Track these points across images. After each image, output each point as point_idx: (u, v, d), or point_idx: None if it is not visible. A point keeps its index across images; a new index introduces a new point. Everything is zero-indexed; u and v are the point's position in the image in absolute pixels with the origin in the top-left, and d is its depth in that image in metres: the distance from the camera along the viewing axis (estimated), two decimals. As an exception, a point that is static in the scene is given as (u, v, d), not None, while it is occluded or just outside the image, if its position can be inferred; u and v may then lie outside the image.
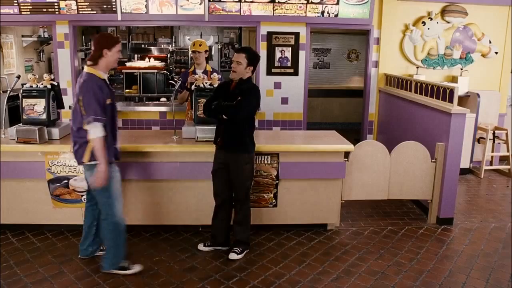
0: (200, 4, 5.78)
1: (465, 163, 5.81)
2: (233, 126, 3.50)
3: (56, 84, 4.00)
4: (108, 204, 3.25)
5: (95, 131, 3.05)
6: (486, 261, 3.72)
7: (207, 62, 4.87)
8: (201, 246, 3.84)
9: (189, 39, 9.64)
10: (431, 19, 6.22)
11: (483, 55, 6.48)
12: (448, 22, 6.32)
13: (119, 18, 5.80)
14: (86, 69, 3.17)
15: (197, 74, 4.54)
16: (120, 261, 3.36)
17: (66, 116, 6.07)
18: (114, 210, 3.25)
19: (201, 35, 9.49)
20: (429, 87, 4.96)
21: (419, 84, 5.26)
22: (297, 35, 6.14)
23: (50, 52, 8.62)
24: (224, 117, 3.45)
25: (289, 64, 6.23)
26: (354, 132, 7.26)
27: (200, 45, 4.70)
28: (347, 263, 3.66)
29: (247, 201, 3.71)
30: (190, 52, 5.06)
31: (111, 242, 3.32)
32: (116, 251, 3.34)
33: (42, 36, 8.30)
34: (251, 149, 3.64)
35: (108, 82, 3.24)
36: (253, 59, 3.51)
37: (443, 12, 6.28)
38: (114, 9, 5.74)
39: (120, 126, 6.14)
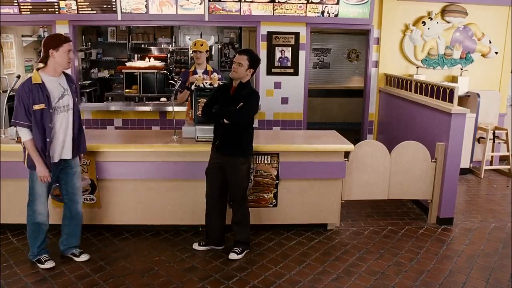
0: (200, 4, 5.78)
1: (465, 163, 5.80)
2: (232, 130, 3.50)
3: (56, 84, 3.99)
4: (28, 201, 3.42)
5: (21, 134, 3.21)
6: (486, 261, 3.72)
7: (207, 62, 4.87)
8: (195, 246, 3.85)
9: (189, 39, 9.61)
10: (431, 19, 6.22)
11: (483, 55, 6.48)
12: (448, 22, 6.32)
13: (119, 18, 5.80)
14: (33, 72, 3.25)
15: (197, 74, 4.54)
16: (32, 255, 3.49)
17: (66, 116, 6.06)
18: (30, 207, 3.41)
19: (201, 35, 9.48)
20: (429, 87, 4.96)
21: (419, 84, 5.26)
22: (297, 35, 6.14)
23: (50, 52, 8.59)
24: (226, 121, 3.46)
25: (289, 64, 6.23)
26: (354, 132, 7.26)
27: (201, 45, 4.70)
28: (347, 263, 3.66)
29: (244, 202, 3.72)
30: (190, 52, 5.05)
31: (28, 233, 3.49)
32: (30, 242, 3.49)
33: (42, 36, 8.28)
34: (248, 152, 3.66)
35: (44, 86, 3.17)
36: (254, 62, 3.54)
37: (443, 12, 6.28)
38: (114, 9, 5.74)
39: (120, 126, 6.16)
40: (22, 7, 5.71)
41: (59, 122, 3.26)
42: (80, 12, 5.76)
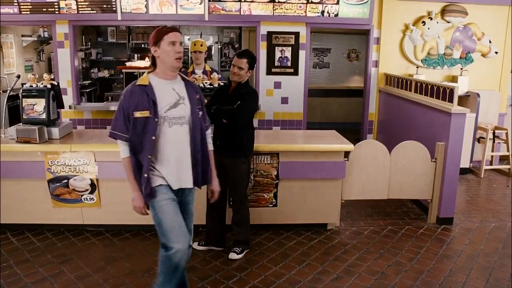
0: (200, 3, 5.78)
1: (465, 163, 5.80)
2: (233, 130, 3.50)
3: (56, 83, 4.00)
4: (158, 233, 2.63)
5: (120, 150, 2.55)
6: (486, 261, 3.72)
7: (205, 62, 4.88)
8: (195, 245, 3.85)
9: (189, 39, 9.61)
10: (431, 18, 6.22)
11: (483, 55, 6.48)
12: (448, 22, 6.32)
13: (119, 18, 5.80)
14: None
15: (196, 74, 4.54)
16: None
17: (65, 116, 6.07)
18: (162, 247, 2.64)
19: (201, 35, 9.48)
20: (429, 86, 4.96)
21: (419, 84, 5.26)
22: (297, 34, 6.13)
23: (50, 52, 8.62)
24: (224, 121, 3.46)
25: (289, 64, 6.23)
26: (354, 132, 7.26)
27: (201, 45, 4.71)
28: (347, 263, 3.66)
29: (244, 201, 3.72)
30: (190, 52, 5.05)
31: (160, 270, 2.73)
32: (163, 281, 2.70)
33: (42, 35, 8.30)
34: (249, 152, 3.66)
35: (150, 89, 2.49)
36: (253, 63, 3.57)
37: (443, 11, 6.28)
38: (114, 8, 5.74)
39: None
40: (22, 7, 5.71)
41: (169, 138, 2.51)
42: (80, 12, 5.76)
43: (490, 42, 6.40)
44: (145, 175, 2.49)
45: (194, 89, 2.66)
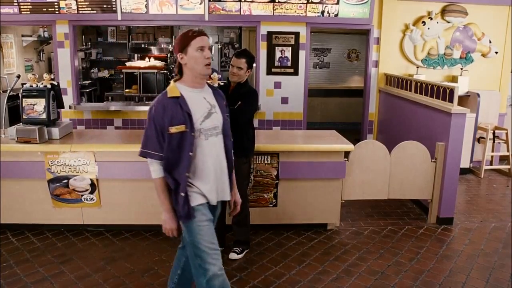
0: (200, 3, 5.78)
1: (465, 163, 5.81)
2: (233, 130, 3.49)
3: (56, 83, 4.00)
4: (191, 260, 2.43)
5: (151, 170, 2.35)
6: (486, 261, 3.72)
7: None
8: None
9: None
10: (431, 18, 6.22)
11: (483, 55, 6.48)
12: (448, 22, 6.32)
13: (119, 17, 5.80)
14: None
15: None
16: None
17: (65, 116, 6.07)
18: (197, 271, 2.37)
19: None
20: (429, 87, 4.95)
21: (419, 84, 5.25)
22: (297, 34, 6.13)
23: (50, 52, 8.62)
24: None
25: (289, 64, 6.23)
26: (354, 132, 7.26)
27: None
28: (347, 263, 3.66)
29: (245, 201, 3.71)
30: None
31: None
32: None
33: (42, 35, 8.30)
34: (250, 153, 3.66)
35: (183, 101, 2.28)
36: (252, 62, 3.57)
37: (443, 12, 6.28)
38: (114, 8, 5.74)
39: (120, 126, 6.16)
40: (22, 7, 5.71)
41: (207, 151, 2.34)
42: (80, 12, 5.76)
43: (490, 42, 6.40)
44: (182, 194, 2.30)
45: (221, 96, 2.52)
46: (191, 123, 2.27)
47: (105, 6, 5.75)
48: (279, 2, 5.86)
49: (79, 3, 5.73)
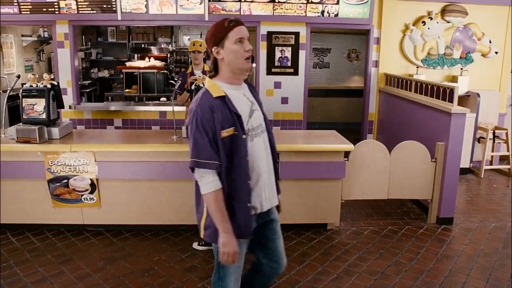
0: (200, 3, 5.78)
1: (465, 163, 5.81)
2: None
3: (56, 83, 4.00)
4: (212, 284, 2.24)
5: (202, 183, 2.01)
6: (486, 261, 3.72)
7: (204, 62, 4.88)
8: (195, 245, 3.85)
9: (189, 39, 9.63)
10: (431, 18, 6.22)
11: (483, 55, 6.48)
12: (448, 22, 6.32)
13: (119, 17, 5.80)
14: (206, 81, 2.13)
15: (195, 74, 4.54)
16: None
17: (65, 116, 6.08)
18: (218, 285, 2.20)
19: (201, 35, 9.48)
20: (429, 86, 4.95)
21: (419, 84, 5.25)
22: (297, 34, 6.13)
23: (50, 52, 8.62)
24: None
25: (289, 64, 6.23)
26: (354, 132, 7.26)
27: (200, 45, 4.71)
28: (347, 263, 3.66)
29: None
30: (189, 52, 5.06)
31: None
32: None
33: (42, 35, 8.31)
34: None
35: (229, 101, 2.02)
36: (251, 61, 3.54)
37: (443, 11, 6.28)
38: (114, 8, 5.74)
39: (120, 126, 6.16)
40: (22, 7, 5.70)
41: (255, 153, 2.08)
42: (80, 12, 5.76)
43: (490, 42, 6.40)
44: (249, 204, 2.05)
45: (255, 90, 2.27)
46: (241, 125, 2.02)
47: (105, 6, 5.75)
48: (279, 2, 5.86)
49: (79, 3, 5.73)
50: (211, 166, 1.97)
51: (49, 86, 3.90)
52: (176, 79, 5.07)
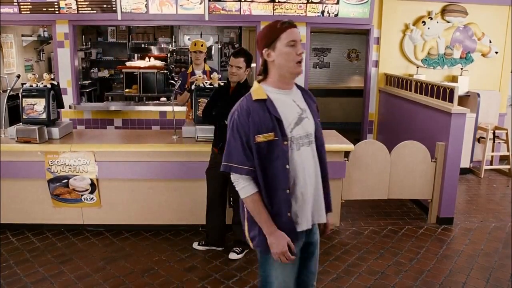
0: (200, 3, 5.78)
1: (465, 163, 5.80)
2: None
3: (56, 83, 4.00)
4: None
5: (238, 188, 1.97)
6: (486, 261, 3.72)
7: (205, 62, 4.89)
8: (195, 245, 3.85)
9: (189, 39, 9.61)
10: (431, 18, 6.21)
11: (483, 55, 6.48)
12: (448, 22, 6.32)
13: (119, 17, 5.79)
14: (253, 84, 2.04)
15: (195, 74, 4.54)
16: None
17: (65, 116, 6.07)
18: None
19: (201, 35, 9.48)
20: (429, 86, 4.95)
21: (419, 84, 5.25)
22: (297, 34, 6.12)
23: (50, 52, 8.62)
24: (227, 123, 3.45)
25: (289, 63, 6.22)
26: (354, 132, 7.26)
27: (201, 45, 4.71)
28: (347, 262, 3.65)
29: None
30: (190, 52, 5.06)
31: None
32: None
33: (42, 35, 8.30)
34: None
35: (271, 104, 1.93)
36: (250, 61, 3.57)
37: (443, 11, 6.28)
38: (114, 8, 5.74)
39: (120, 126, 6.16)
40: (22, 6, 5.70)
41: (299, 163, 1.96)
42: (80, 11, 5.76)
43: (490, 42, 6.40)
44: (289, 214, 1.93)
45: (312, 98, 2.13)
46: (282, 130, 1.90)
47: (105, 6, 5.74)
48: (279, 2, 5.86)
49: (79, 3, 5.73)
50: (242, 171, 1.91)
51: (49, 86, 3.90)
52: (176, 79, 5.07)
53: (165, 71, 7.87)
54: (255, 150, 1.89)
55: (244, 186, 1.93)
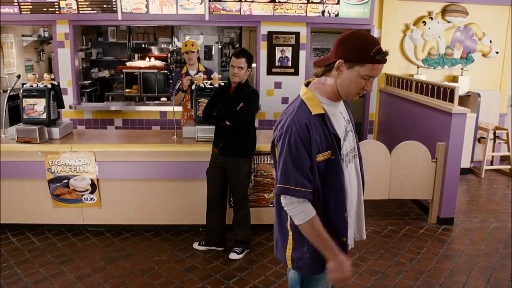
0: (201, 3, 5.77)
1: (465, 163, 5.80)
2: (235, 131, 3.50)
3: (56, 83, 4.01)
4: None
5: (293, 214, 1.73)
6: (487, 261, 3.72)
7: (198, 62, 4.87)
8: (195, 245, 3.85)
9: (189, 38, 9.63)
10: (432, 18, 6.21)
11: (484, 55, 6.48)
12: (449, 22, 6.31)
13: (120, 17, 5.79)
14: (302, 90, 1.82)
15: (190, 75, 4.53)
16: None
17: (66, 116, 6.07)
18: None
19: (201, 35, 9.48)
20: (430, 87, 4.95)
21: (419, 84, 5.25)
22: (297, 34, 6.13)
23: (50, 52, 8.62)
24: (228, 123, 3.46)
25: (289, 63, 6.22)
26: (354, 132, 7.25)
27: (192, 45, 4.68)
28: (348, 263, 3.65)
29: (245, 201, 3.72)
30: (182, 53, 5.03)
31: None
32: None
33: (42, 35, 8.30)
34: (251, 153, 3.67)
35: (329, 120, 1.75)
36: (251, 61, 3.57)
37: (444, 11, 6.27)
38: (114, 8, 5.74)
39: (120, 126, 6.16)
40: (22, 7, 5.70)
41: (349, 181, 1.82)
42: (80, 12, 5.76)
43: (490, 42, 6.39)
44: (344, 239, 1.80)
45: (348, 106, 2.00)
46: (339, 148, 1.74)
47: (105, 6, 5.74)
48: (279, 2, 5.86)
49: (79, 3, 5.73)
50: (302, 195, 1.68)
51: (49, 86, 3.90)
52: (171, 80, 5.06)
53: (166, 71, 7.87)
54: (315, 171, 1.71)
55: (301, 212, 1.70)
